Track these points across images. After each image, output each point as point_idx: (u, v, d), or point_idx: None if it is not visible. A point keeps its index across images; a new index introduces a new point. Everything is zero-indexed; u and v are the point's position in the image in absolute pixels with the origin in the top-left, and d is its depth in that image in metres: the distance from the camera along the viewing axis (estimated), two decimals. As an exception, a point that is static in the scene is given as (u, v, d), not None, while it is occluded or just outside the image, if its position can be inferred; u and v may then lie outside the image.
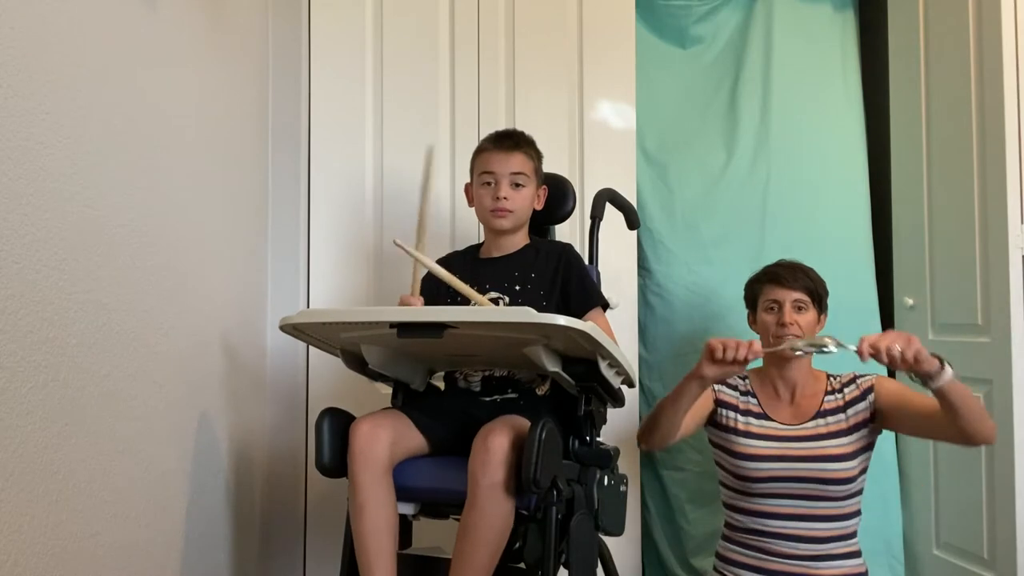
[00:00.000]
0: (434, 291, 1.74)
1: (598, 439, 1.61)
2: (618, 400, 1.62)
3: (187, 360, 1.54)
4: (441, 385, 1.73)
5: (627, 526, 1.66)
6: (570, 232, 2.19)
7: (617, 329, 1.68)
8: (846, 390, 1.79)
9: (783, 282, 1.78)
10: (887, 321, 2.45)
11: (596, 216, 1.97)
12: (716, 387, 1.83)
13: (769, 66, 2.51)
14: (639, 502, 2.32)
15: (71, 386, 1.12)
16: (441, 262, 1.80)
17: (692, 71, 2.57)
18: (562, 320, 1.27)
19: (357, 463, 1.39)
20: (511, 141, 1.72)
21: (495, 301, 1.67)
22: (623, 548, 2.15)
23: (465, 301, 1.70)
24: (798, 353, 1.65)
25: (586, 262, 1.90)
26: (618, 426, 1.81)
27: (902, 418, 1.72)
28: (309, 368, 2.19)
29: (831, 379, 1.82)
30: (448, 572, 1.36)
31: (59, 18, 1.10)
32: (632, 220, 2.06)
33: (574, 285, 1.68)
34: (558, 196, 1.88)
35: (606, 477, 1.53)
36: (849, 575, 1.72)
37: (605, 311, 1.72)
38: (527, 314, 1.27)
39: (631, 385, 1.63)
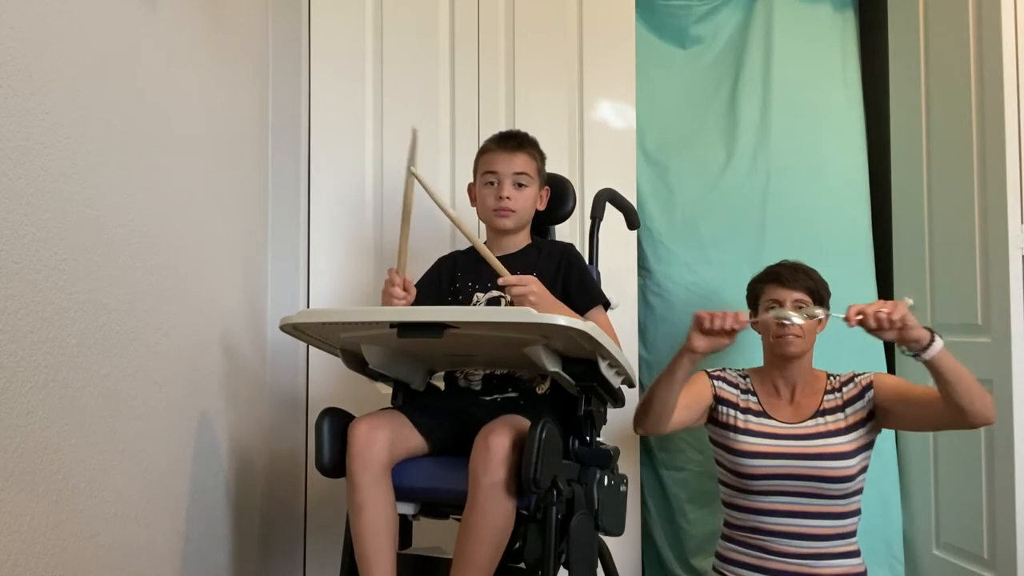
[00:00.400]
0: (435, 290, 1.74)
1: (598, 439, 1.62)
2: (618, 400, 1.62)
3: (187, 360, 1.54)
4: (441, 385, 1.73)
5: (627, 526, 1.66)
6: (570, 232, 2.19)
7: (617, 329, 1.68)
8: (845, 389, 1.79)
9: (784, 282, 1.78)
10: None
11: (596, 216, 1.97)
12: (716, 384, 1.84)
13: (769, 66, 2.51)
14: (639, 502, 2.31)
15: (71, 386, 1.12)
16: (444, 260, 1.81)
17: (692, 71, 2.57)
18: (562, 320, 1.27)
19: (356, 463, 1.39)
20: (515, 141, 1.73)
21: (496, 300, 1.67)
22: (623, 548, 2.15)
23: (466, 301, 1.70)
24: (787, 322, 1.69)
25: (586, 262, 1.90)
26: (618, 426, 1.81)
27: (905, 410, 1.72)
28: (309, 368, 2.19)
29: (831, 378, 1.82)
30: (448, 572, 1.36)
31: (59, 18, 1.10)
32: (632, 220, 2.06)
33: (575, 284, 1.68)
34: (558, 196, 1.88)
35: (606, 477, 1.53)
36: (848, 575, 1.72)
37: (607, 310, 1.72)
38: (527, 314, 1.27)
39: (631, 385, 1.63)
